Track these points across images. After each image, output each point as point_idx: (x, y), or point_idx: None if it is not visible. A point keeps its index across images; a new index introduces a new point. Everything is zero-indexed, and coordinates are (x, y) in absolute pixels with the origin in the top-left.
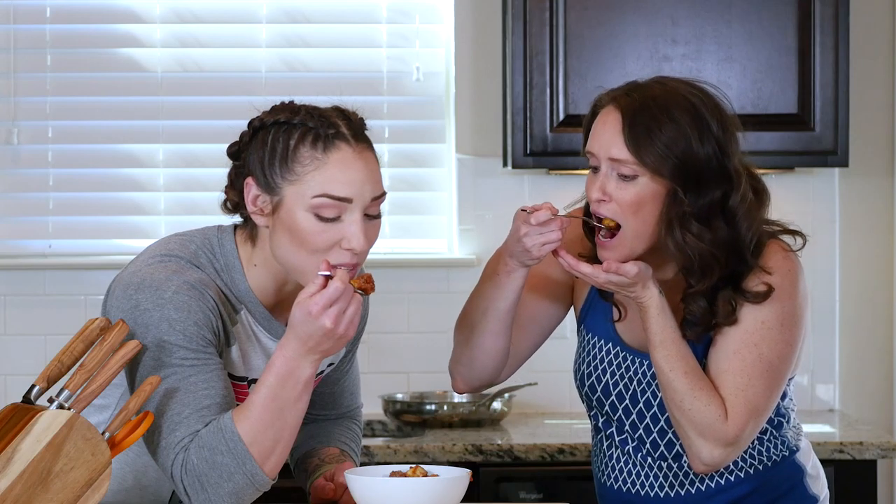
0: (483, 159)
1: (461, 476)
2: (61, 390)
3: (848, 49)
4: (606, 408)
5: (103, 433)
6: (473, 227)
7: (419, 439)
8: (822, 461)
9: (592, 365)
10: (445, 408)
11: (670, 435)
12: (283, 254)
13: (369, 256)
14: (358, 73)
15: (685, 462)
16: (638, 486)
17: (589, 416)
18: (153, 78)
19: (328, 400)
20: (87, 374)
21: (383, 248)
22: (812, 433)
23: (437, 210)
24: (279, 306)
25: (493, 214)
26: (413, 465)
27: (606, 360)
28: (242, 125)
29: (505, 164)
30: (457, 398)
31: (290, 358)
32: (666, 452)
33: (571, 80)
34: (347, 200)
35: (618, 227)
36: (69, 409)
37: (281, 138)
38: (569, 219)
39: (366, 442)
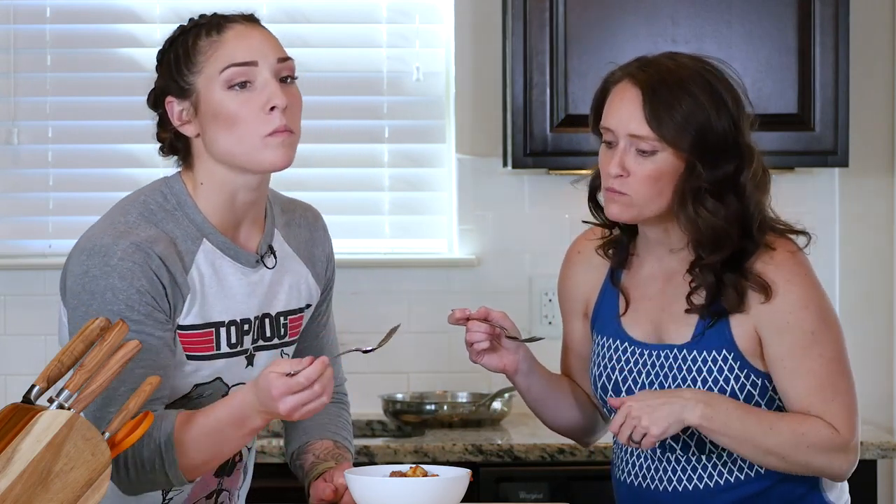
0: (483, 159)
1: (461, 476)
2: (61, 390)
3: (848, 49)
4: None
5: (103, 433)
6: (473, 227)
7: (419, 439)
8: None
9: (602, 365)
10: (445, 408)
11: (699, 435)
12: (221, 147)
13: (369, 256)
14: (358, 73)
15: (693, 454)
16: (648, 480)
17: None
18: (153, 78)
19: None
20: (87, 374)
21: (383, 248)
22: None
23: (437, 210)
24: (238, 232)
25: (493, 214)
26: (413, 465)
27: (615, 358)
28: None
29: (505, 164)
30: (457, 398)
31: (248, 405)
32: (673, 444)
33: (571, 80)
34: (253, 63)
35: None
36: (69, 409)
37: (180, 48)
38: (495, 324)
39: (366, 442)
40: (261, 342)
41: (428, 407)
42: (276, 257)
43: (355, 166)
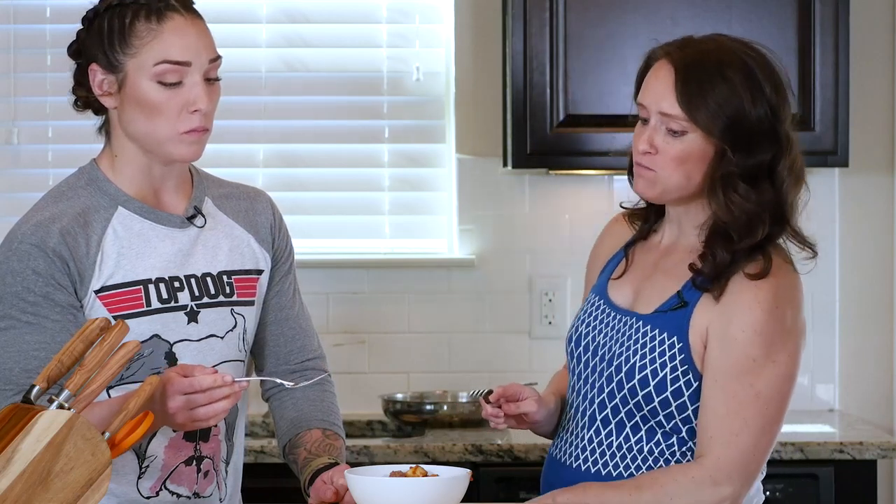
0: (483, 159)
1: (461, 476)
2: (61, 390)
3: (848, 49)
4: (578, 364)
5: (103, 433)
6: (473, 227)
7: (419, 439)
8: (823, 461)
9: (580, 319)
10: (445, 408)
11: (623, 415)
12: (136, 129)
13: (369, 256)
14: (358, 73)
15: (634, 444)
16: (581, 461)
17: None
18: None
19: (282, 343)
20: (87, 374)
21: (383, 248)
22: (812, 433)
23: (437, 210)
24: (161, 198)
25: (493, 214)
26: (413, 465)
27: (590, 313)
28: (243, 125)
29: (505, 164)
30: (457, 398)
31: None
32: (616, 430)
33: (571, 80)
34: (186, 64)
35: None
36: (69, 409)
37: (116, 20)
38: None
39: (366, 442)
40: (206, 299)
41: (428, 407)
42: (205, 218)
43: (355, 166)
